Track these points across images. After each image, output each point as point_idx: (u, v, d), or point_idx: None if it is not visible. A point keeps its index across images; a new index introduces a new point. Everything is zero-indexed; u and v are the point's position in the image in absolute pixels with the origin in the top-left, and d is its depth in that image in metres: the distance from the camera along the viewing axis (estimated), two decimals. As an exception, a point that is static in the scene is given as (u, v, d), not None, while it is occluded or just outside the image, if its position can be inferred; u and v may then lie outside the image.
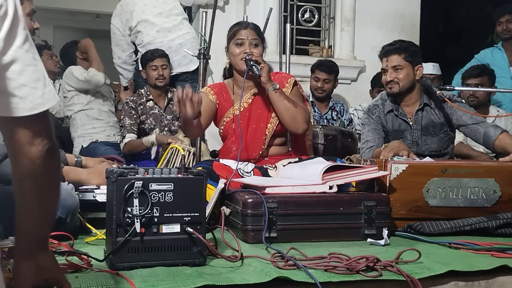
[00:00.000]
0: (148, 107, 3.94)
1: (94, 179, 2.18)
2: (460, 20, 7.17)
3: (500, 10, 4.60)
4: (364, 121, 3.06)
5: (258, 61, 2.54)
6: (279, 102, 2.57)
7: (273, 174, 2.52)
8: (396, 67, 2.89)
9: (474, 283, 1.67)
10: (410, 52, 2.90)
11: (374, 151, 2.84)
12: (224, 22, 4.44)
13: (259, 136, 2.67)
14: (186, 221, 1.60)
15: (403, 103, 2.97)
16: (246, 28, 2.66)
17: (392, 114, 2.98)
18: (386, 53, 2.95)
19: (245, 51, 2.59)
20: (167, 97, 3.99)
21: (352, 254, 1.70)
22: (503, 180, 2.29)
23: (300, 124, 2.60)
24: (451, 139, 3.04)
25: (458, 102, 2.96)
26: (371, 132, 2.95)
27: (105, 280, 1.43)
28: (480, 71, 3.99)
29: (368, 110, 3.04)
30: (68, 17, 8.58)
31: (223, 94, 2.73)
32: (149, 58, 3.92)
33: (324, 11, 5.15)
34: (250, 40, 2.62)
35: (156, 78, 3.88)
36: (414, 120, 2.94)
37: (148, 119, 3.92)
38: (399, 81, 2.88)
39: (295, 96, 2.70)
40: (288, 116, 2.58)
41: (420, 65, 2.92)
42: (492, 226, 2.14)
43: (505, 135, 2.80)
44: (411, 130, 2.95)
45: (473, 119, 2.88)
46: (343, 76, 4.92)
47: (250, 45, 2.61)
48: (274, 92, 2.57)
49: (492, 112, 3.96)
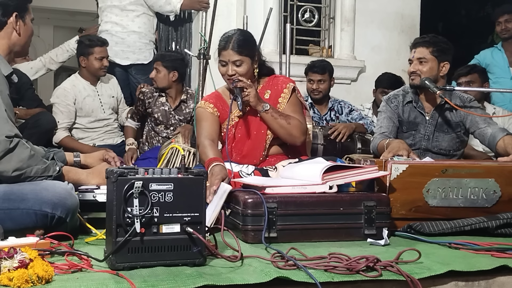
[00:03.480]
0: (159, 102, 3.94)
1: (94, 179, 2.18)
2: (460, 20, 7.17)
3: (499, 10, 4.61)
4: (382, 108, 3.11)
5: (244, 87, 2.53)
6: (272, 122, 2.59)
7: (273, 175, 2.53)
8: (421, 59, 2.93)
9: (474, 283, 1.67)
10: (439, 48, 2.92)
11: (380, 142, 2.87)
12: (224, 22, 4.44)
13: (260, 143, 2.67)
14: (186, 221, 1.60)
15: (424, 97, 3.01)
16: (227, 49, 2.58)
17: (410, 105, 3.03)
18: (415, 44, 3.00)
19: (228, 74, 2.59)
20: (181, 98, 3.97)
21: (352, 254, 1.70)
22: (503, 180, 2.29)
23: (297, 138, 2.62)
24: (463, 142, 3.06)
25: (476, 107, 2.97)
26: (387, 120, 3.02)
27: (105, 280, 1.43)
28: (470, 69, 4.01)
29: (388, 99, 3.10)
30: (68, 17, 8.59)
31: (220, 104, 2.73)
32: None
33: (324, 11, 5.15)
34: (231, 62, 2.59)
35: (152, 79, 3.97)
36: (431, 115, 2.99)
37: (156, 114, 3.94)
38: (421, 74, 2.92)
39: (293, 104, 2.69)
40: (283, 133, 2.61)
41: (447, 62, 2.93)
42: (492, 226, 2.14)
43: (509, 137, 2.80)
44: (425, 124, 2.99)
45: (485, 122, 2.91)
46: (343, 76, 4.93)
47: (233, 65, 2.58)
48: (266, 113, 2.58)
49: (489, 109, 3.97)
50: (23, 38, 2.17)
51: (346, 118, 4.20)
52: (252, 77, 2.68)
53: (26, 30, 2.18)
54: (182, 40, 4.91)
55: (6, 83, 2.03)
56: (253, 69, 2.66)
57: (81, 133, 4.08)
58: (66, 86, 4.09)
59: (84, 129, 4.08)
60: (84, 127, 4.08)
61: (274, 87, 2.72)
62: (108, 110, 4.17)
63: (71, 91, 4.04)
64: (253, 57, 2.64)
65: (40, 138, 3.46)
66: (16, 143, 1.92)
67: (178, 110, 3.97)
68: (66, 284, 1.39)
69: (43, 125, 3.73)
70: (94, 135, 4.10)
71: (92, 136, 4.09)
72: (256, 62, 2.67)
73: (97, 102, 4.11)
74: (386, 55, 5.14)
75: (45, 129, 3.75)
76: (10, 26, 2.12)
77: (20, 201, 1.87)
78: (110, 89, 4.22)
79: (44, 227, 1.88)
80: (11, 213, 1.86)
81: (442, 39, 3.01)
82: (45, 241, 1.70)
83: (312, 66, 4.23)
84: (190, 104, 3.95)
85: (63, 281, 1.41)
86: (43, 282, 1.38)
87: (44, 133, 3.73)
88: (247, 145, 2.67)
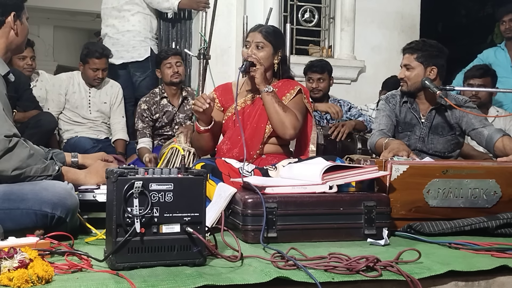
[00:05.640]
0: (162, 105, 4.01)
1: (92, 179, 2.18)
2: (459, 20, 7.17)
3: (503, 10, 4.59)
4: (380, 106, 3.13)
5: (254, 63, 2.63)
6: (269, 105, 2.63)
7: (273, 175, 2.53)
8: (407, 66, 2.96)
9: (474, 283, 1.67)
10: (425, 53, 2.93)
11: (378, 139, 2.87)
12: (224, 22, 4.44)
13: (258, 136, 2.71)
14: (186, 221, 1.60)
15: (418, 100, 3.03)
16: (255, 30, 2.72)
17: (406, 106, 3.05)
18: (403, 50, 3.03)
19: (248, 53, 2.67)
20: (182, 96, 4.06)
21: (352, 254, 1.70)
22: (503, 181, 2.29)
23: (287, 129, 2.63)
24: (458, 144, 3.05)
25: (472, 107, 2.98)
26: (385, 118, 3.03)
27: (105, 280, 1.43)
28: (484, 72, 3.99)
29: (386, 98, 3.12)
30: (68, 17, 8.59)
31: (226, 93, 2.79)
32: (164, 57, 4.02)
33: (324, 11, 5.15)
34: (255, 42, 2.68)
35: (171, 75, 3.96)
36: (426, 117, 2.99)
37: (161, 117, 3.99)
38: (408, 81, 2.95)
39: (295, 103, 2.72)
40: (276, 119, 2.63)
41: (434, 67, 2.92)
42: (492, 226, 2.14)
43: (507, 138, 2.80)
44: (420, 126, 3.00)
45: (481, 123, 2.91)
46: (343, 76, 4.93)
47: (255, 47, 2.67)
48: (266, 94, 2.63)
49: (492, 112, 3.96)
50: (21, 38, 2.17)
51: (346, 116, 4.20)
52: (269, 68, 2.74)
53: (23, 29, 2.17)
54: (182, 40, 4.91)
55: (4, 82, 2.03)
56: (272, 60, 2.73)
57: (66, 125, 4.17)
58: (62, 76, 4.25)
59: (68, 121, 4.17)
60: (68, 119, 4.17)
61: (283, 87, 2.77)
62: (95, 112, 4.21)
63: (65, 82, 4.16)
64: (276, 48, 2.72)
65: (41, 138, 3.48)
66: (16, 143, 1.92)
67: (182, 108, 4.05)
68: (66, 284, 1.39)
69: (44, 125, 3.76)
70: (77, 128, 4.17)
71: (76, 129, 4.16)
72: (278, 56, 2.74)
73: (86, 102, 4.17)
74: (386, 55, 5.14)
75: (46, 129, 3.78)
76: (8, 26, 2.11)
77: (20, 201, 1.87)
78: (105, 95, 4.23)
79: (44, 227, 1.87)
80: (11, 213, 1.86)
81: (430, 44, 3.00)
82: (45, 241, 1.70)
83: (311, 66, 4.24)
84: (190, 101, 4.00)
85: (63, 281, 1.41)
86: (43, 282, 1.38)
87: (45, 133, 3.76)
88: (245, 136, 2.68)
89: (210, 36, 3.41)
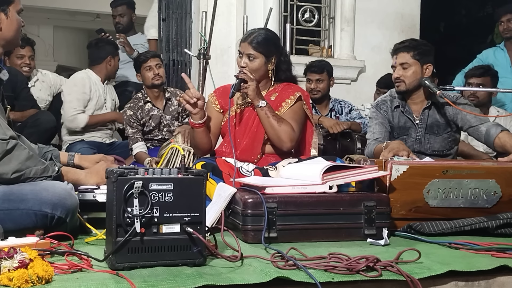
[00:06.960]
0: (147, 109, 3.98)
1: (92, 179, 2.17)
2: (460, 20, 7.16)
3: (501, 10, 4.60)
4: (372, 114, 3.10)
5: (245, 79, 2.60)
6: (264, 120, 2.62)
7: (273, 175, 2.53)
8: (403, 64, 2.93)
9: (474, 283, 1.67)
10: (420, 51, 2.92)
11: (376, 146, 2.86)
12: (224, 22, 4.44)
13: (258, 139, 2.70)
14: (186, 221, 1.60)
15: (411, 101, 3.01)
16: (245, 41, 2.69)
17: (398, 111, 3.02)
18: (396, 50, 2.99)
19: (241, 65, 2.67)
20: (165, 97, 4.03)
21: (352, 254, 1.70)
22: (504, 181, 2.28)
23: (284, 143, 2.64)
24: (455, 140, 3.04)
25: (464, 104, 2.96)
26: (378, 126, 3.00)
27: (105, 280, 1.43)
28: (484, 71, 3.99)
29: (377, 105, 3.08)
30: (68, 17, 8.59)
31: (226, 96, 2.76)
32: (143, 60, 3.99)
33: (324, 11, 5.15)
34: (246, 54, 2.67)
35: (152, 77, 3.93)
36: (420, 118, 2.97)
37: (148, 121, 3.97)
38: (405, 79, 2.92)
39: (293, 112, 2.70)
40: (272, 133, 2.63)
41: (430, 64, 2.92)
42: (492, 226, 2.14)
43: (505, 134, 2.80)
44: (415, 128, 2.98)
45: (477, 119, 2.90)
46: (343, 76, 4.93)
47: (246, 58, 2.66)
48: (260, 110, 2.62)
49: (492, 112, 3.96)
50: (10, 32, 2.06)
51: (346, 118, 4.20)
52: (264, 77, 2.73)
53: (11, 24, 2.06)
54: (182, 40, 4.91)
55: None
56: (266, 69, 2.71)
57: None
58: (82, 75, 4.21)
59: None
60: None
61: (283, 92, 2.75)
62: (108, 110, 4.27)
63: (88, 81, 4.15)
64: (268, 57, 2.69)
65: (39, 137, 3.47)
66: (14, 145, 1.91)
67: (167, 109, 4.01)
68: (66, 284, 1.39)
69: (43, 124, 3.76)
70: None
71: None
72: (272, 63, 2.72)
73: (102, 100, 4.21)
74: (386, 55, 5.07)
75: (45, 128, 3.78)
76: None
77: (20, 201, 1.86)
78: (111, 92, 4.36)
79: (44, 227, 1.87)
80: (11, 213, 1.85)
81: (422, 42, 3.02)
82: (45, 241, 1.70)
83: (310, 66, 4.24)
84: (174, 102, 4.00)
85: (63, 281, 1.41)
86: (43, 282, 1.38)
87: (44, 132, 3.76)
88: (246, 140, 2.70)
89: (210, 36, 3.41)
